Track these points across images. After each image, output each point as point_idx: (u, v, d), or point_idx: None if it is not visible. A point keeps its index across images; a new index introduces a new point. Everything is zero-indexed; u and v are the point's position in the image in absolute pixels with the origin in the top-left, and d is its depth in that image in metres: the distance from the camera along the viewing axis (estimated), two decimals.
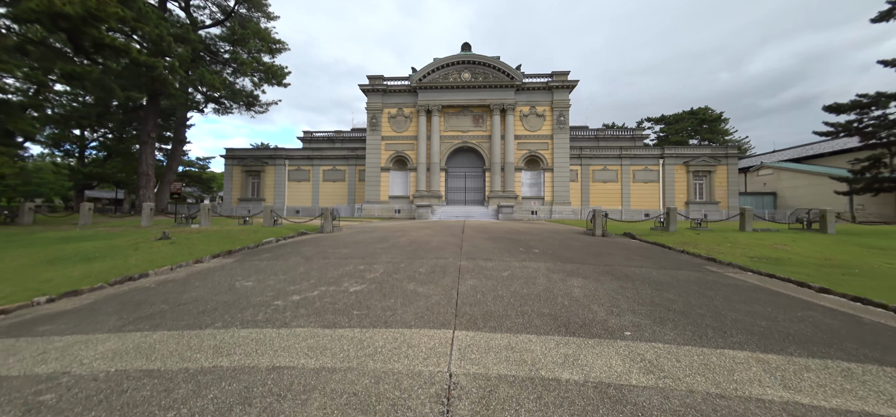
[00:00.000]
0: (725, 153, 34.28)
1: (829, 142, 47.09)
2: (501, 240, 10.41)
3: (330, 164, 35.82)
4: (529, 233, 12.93)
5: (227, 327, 3.38)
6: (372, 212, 30.18)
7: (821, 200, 37.22)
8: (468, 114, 30.44)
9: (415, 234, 12.01)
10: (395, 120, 31.20)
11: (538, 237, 11.60)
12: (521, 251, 8.43)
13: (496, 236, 11.73)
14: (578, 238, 11.52)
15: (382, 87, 30.74)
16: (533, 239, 10.80)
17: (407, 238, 10.84)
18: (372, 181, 31.06)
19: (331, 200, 35.59)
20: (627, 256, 7.95)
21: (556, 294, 4.60)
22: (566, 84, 29.16)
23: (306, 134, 44.09)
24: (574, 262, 7.01)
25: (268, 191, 35.71)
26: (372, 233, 12.42)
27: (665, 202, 34.35)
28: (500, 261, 6.98)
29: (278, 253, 8.28)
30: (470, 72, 29.70)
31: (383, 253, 8.01)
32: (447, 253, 7.89)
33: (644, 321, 3.58)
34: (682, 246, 9.36)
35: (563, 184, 29.60)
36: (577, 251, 8.59)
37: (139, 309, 3.99)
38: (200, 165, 46.58)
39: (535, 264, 6.74)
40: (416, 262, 6.84)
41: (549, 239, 10.89)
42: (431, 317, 3.64)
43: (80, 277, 5.53)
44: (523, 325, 3.41)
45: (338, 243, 9.77)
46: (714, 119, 56.88)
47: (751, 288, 5.15)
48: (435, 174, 30.00)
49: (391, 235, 11.75)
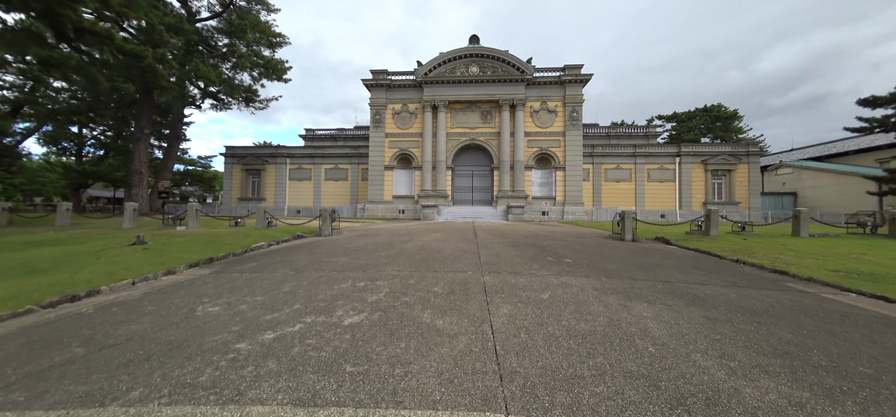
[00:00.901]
0: (746, 151, 32.66)
1: (855, 140, 45.06)
2: (523, 247, 9.14)
3: (332, 163, 34.73)
4: (550, 237, 11.64)
5: (145, 401, 2.16)
6: (375, 213, 29.02)
7: (848, 201, 35.39)
8: (476, 110, 29.14)
9: (423, 239, 10.78)
10: (400, 116, 29.99)
11: (562, 242, 10.31)
12: (550, 260, 7.15)
13: (515, 241, 10.46)
14: (608, 244, 10.21)
15: (386, 82, 29.52)
16: (557, 245, 9.52)
17: (415, 243, 9.61)
18: (375, 180, 29.89)
19: (333, 200, 34.51)
20: (680, 268, 6.64)
21: (629, 332, 3.33)
22: (579, 78, 27.75)
23: (308, 132, 43.05)
24: (622, 277, 5.72)
25: (268, 191, 34.70)
26: (375, 237, 11.21)
27: (682, 202, 32.84)
28: (531, 276, 5.71)
29: (266, 262, 7.08)
30: (478, 67, 28.39)
31: (388, 263, 6.78)
32: (465, 264, 6.64)
33: (793, 390, 2.30)
34: (734, 254, 8.04)
35: (575, 184, 28.19)
36: (617, 261, 7.29)
37: (35, 360, 2.77)
38: (202, 164, 45.72)
39: (577, 280, 5.46)
40: (429, 277, 5.60)
41: (576, 245, 9.60)
42: (464, 381, 2.39)
43: (4, 299, 4.35)
44: (613, 403, 2.15)
45: (336, 249, 8.57)
46: (728, 116, 55.07)
47: (881, 321, 3.84)
48: (441, 173, 28.75)
49: (397, 239, 10.54)
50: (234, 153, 34.39)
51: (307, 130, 43.16)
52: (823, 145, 49.79)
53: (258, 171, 34.46)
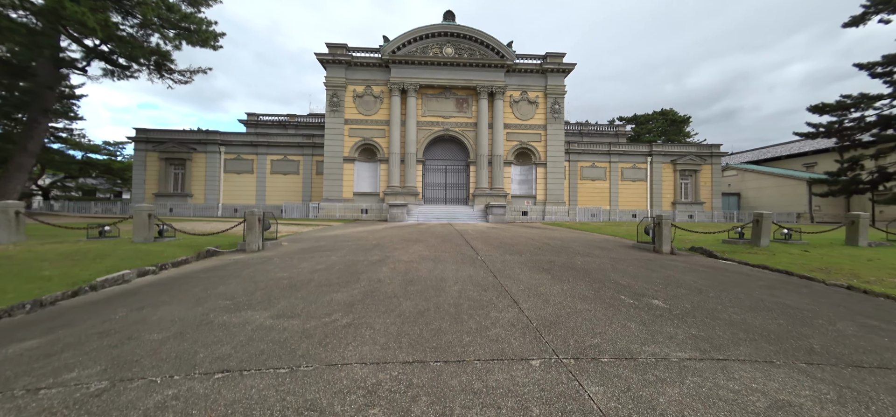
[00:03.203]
0: (710, 152, 33.39)
1: (786, 145, 49.93)
2: (555, 271, 6.16)
3: (280, 154, 29.50)
4: (568, 250, 8.86)
5: None
6: (331, 213, 24.67)
7: (786, 201, 38.15)
8: (451, 97, 25.95)
9: (402, 256, 7.38)
10: (363, 100, 25.83)
11: (596, 261, 7.53)
12: (631, 304, 4.14)
13: (533, 259, 7.48)
14: (657, 261, 7.62)
15: (346, 59, 25.15)
16: (595, 266, 6.70)
17: (392, 267, 6.19)
18: (332, 174, 25.47)
19: (281, 197, 29.32)
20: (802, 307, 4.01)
21: None
22: (562, 67, 25.80)
23: (251, 117, 36.78)
24: (746, 337, 2.87)
25: (197, 185, 28.50)
26: (329, 255, 7.55)
27: (653, 202, 32.71)
28: (663, 368, 2.61)
29: (67, 336, 3.22)
30: (453, 47, 25.21)
31: (350, 329, 3.28)
32: (504, 328, 3.33)
33: None
34: (818, 273, 5.86)
35: (557, 182, 26.29)
36: (696, 292, 4.52)
37: None
38: (109, 152, 37.15)
39: (717, 360, 2.47)
40: (453, 386, 2.23)
41: (624, 267, 6.85)
42: None
43: None
44: None
45: (255, 284, 4.88)
46: (681, 120, 58.13)
47: None
48: (411, 167, 25.19)
49: (362, 259, 7.02)
50: (150, 137, 27.61)
51: (249, 115, 36.84)
52: (760, 150, 54.40)
53: (182, 161, 28.10)
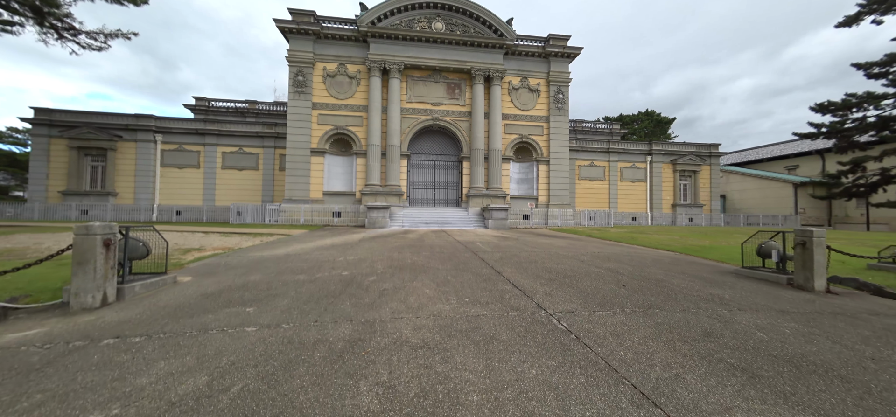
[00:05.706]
0: (709, 152, 31.95)
1: (768, 148, 50.82)
2: (703, 345, 2.67)
3: (235, 145, 24.55)
4: (661, 288, 5.47)
5: None
6: (295, 217, 20.27)
7: (769, 203, 37.98)
8: (441, 81, 22.27)
9: (399, 307, 3.63)
10: (335, 81, 21.56)
11: (729, 309, 4.14)
12: None
13: (637, 309, 3.98)
14: (810, 311, 4.39)
15: (314, 29, 20.78)
16: (759, 337, 3.29)
17: (386, 370, 2.46)
18: (297, 169, 21.03)
19: (235, 196, 24.37)
20: None
21: None
22: (567, 51, 22.85)
23: (199, 101, 31.12)
24: None
25: (124, 181, 22.96)
26: (245, 323, 3.66)
27: (653, 204, 30.76)
28: None
29: None
30: (444, 23, 21.54)
31: None
32: None
33: None
34: None
35: (561, 181, 23.31)
36: None
37: None
38: (17, 140, 30.28)
39: None
40: None
41: (776, 323, 3.49)
42: None
43: None
44: None
45: None
46: (667, 122, 58.00)
47: None
48: (393, 162, 21.27)
49: (313, 332, 3.19)
50: (55, 120, 21.72)
51: (198, 99, 31.17)
52: (743, 152, 55.18)
53: (103, 151, 22.47)
